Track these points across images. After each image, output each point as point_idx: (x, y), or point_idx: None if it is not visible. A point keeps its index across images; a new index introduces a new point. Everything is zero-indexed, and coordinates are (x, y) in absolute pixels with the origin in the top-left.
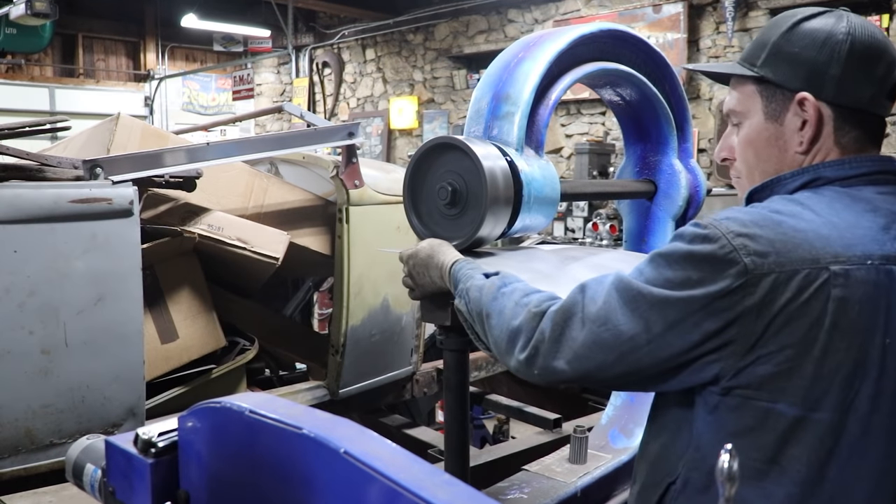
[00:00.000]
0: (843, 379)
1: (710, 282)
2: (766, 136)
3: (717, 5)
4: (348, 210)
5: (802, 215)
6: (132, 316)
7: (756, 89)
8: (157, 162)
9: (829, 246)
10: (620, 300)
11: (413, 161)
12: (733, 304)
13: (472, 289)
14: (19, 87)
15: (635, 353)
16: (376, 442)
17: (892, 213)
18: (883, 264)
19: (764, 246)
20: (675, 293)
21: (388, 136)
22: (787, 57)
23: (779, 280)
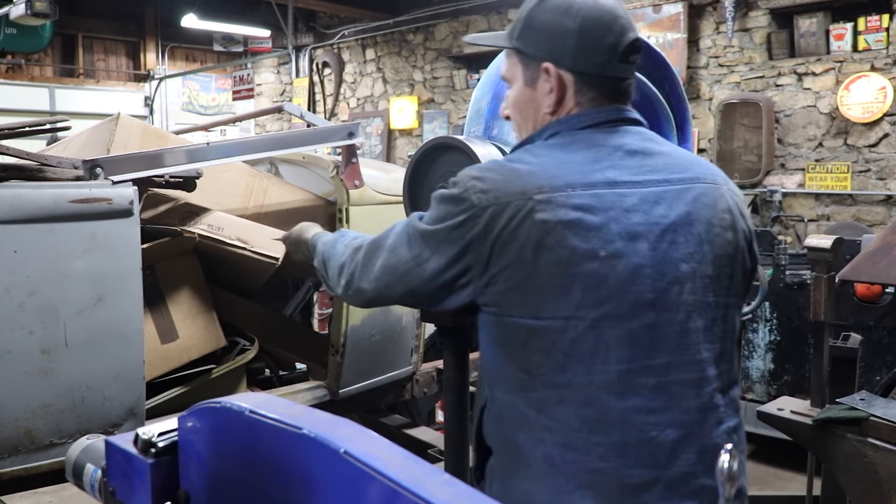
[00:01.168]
0: (559, 289)
1: (451, 216)
2: (524, 98)
3: (717, 5)
4: (348, 210)
5: (524, 159)
6: (132, 316)
7: (517, 59)
8: (157, 162)
9: (536, 181)
10: (405, 234)
11: (413, 161)
12: (464, 232)
13: (319, 245)
14: (19, 87)
15: (409, 274)
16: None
17: (610, 147)
18: (586, 190)
19: (488, 185)
20: (431, 227)
21: (388, 136)
22: (534, 30)
23: (496, 211)
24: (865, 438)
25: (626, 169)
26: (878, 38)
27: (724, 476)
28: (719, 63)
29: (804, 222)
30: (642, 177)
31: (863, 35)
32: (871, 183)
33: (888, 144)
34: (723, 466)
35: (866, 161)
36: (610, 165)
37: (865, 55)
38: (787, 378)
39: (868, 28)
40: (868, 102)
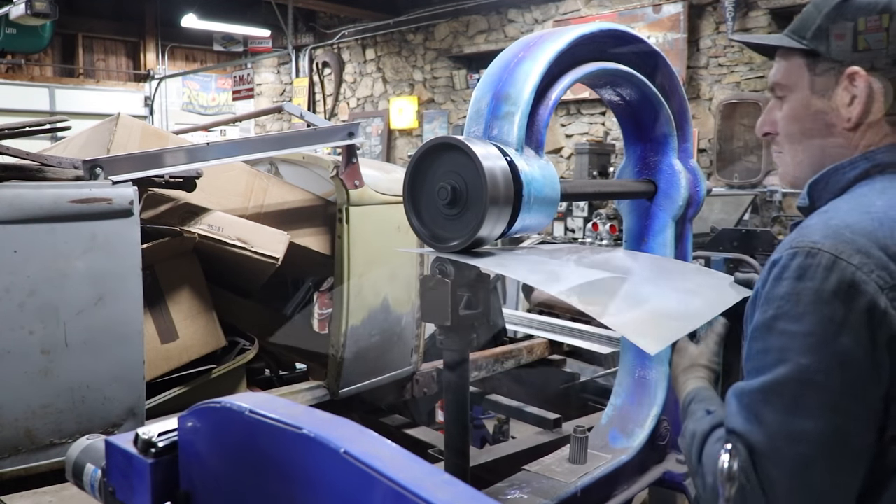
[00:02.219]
0: None
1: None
2: (813, 110)
3: (717, 5)
4: (348, 210)
5: (890, 214)
6: (132, 316)
7: (804, 62)
8: (157, 162)
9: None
10: (784, 403)
11: (413, 161)
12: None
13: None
14: (19, 87)
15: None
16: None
17: None
18: None
19: (879, 257)
20: (827, 350)
21: (388, 136)
22: (839, 30)
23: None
24: None
25: None
26: (878, 39)
27: (724, 476)
28: (719, 63)
29: None
30: None
31: (863, 35)
32: None
33: None
34: (723, 466)
35: None
36: None
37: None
38: None
39: (868, 28)
40: None
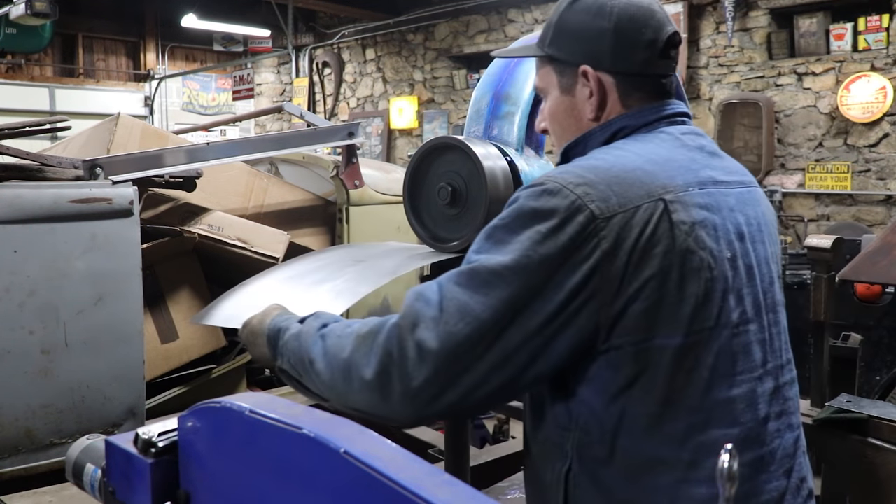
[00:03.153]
0: (704, 296)
1: (562, 234)
2: (563, 107)
3: (717, 5)
4: (348, 210)
5: (626, 157)
6: (132, 316)
7: (551, 67)
8: (157, 162)
9: (656, 180)
10: (469, 289)
11: (413, 161)
12: (590, 251)
13: (289, 340)
14: (19, 87)
15: (504, 335)
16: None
17: (697, 148)
18: (702, 188)
19: (604, 191)
20: (529, 256)
21: (388, 136)
22: (567, 35)
23: (625, 218)
24: (865, 438)
25: (716, 169)
26: (878, 38)
27: (724, 476)
28: (719, 63)
29: (804, 222)
30: (729, 177)
31: (863, 35)
32: (871, 183)
33: (888, 144)
34: (723, 466)
35: (866, 161)
36: (704, 165)
37: (865, 55)
38: None
39: (868, 28)
40: (868, 102)
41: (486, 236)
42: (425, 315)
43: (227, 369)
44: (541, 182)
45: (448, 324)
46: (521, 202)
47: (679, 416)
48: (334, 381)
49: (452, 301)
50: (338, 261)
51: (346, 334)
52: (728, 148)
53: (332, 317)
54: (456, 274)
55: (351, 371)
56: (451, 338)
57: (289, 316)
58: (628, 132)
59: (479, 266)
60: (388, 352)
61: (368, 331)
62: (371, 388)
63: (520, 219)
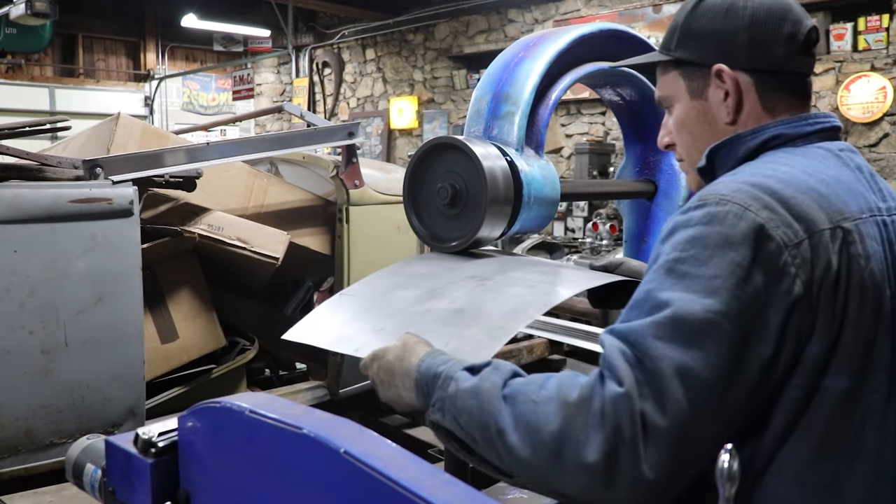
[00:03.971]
0: (874, 336)
1: (760, 265)
2: (694, 113)
3: None
4: (348, 210)
5: (796, 175)
6: (132, 316)
7: (677, 72)
8: (157, 162)
9: (832, 205)
10: (679, 344)
11: (413, 161)
12: (789, 285)
13: (461, 396)
14: (19, 87)
15: (729, 393)
16: (376, 442)
17: (858, 168)
18: (873, 216)
19: (784, 215)
20: (739, 296)
21: (388, 136)
22: (697, 34)
23: (811, 246)
24: None
25: (876, 193)
26: (878, 38)
27: (724, 476)
28: None
29: None
30: (886, 203)
31: (863, 35)
32: None
33: (888, 144)
34: (723, 466)
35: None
36: (868, 188)
37: (865, 55)
38: None
39: (868, 28)
40: (868, 102)
41: (667, 270)
42: (640, 381)
43: (227, 369)
44: (717, 201)
45: (670, 390)
46: (701, 228)
47: (826, 464)
48: (538, 459)
49: (665, 362)
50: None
51: (544, 399)
52: None
53: (509, 368)
54: (654, 326)
55: (564, 450)
56: (678, 407)
57: (445, 358)
58: (781, 142)
59: (684, 313)
60: (616, 428)
61: (579, 397)
62: (593, 472)
63: (709, 248)
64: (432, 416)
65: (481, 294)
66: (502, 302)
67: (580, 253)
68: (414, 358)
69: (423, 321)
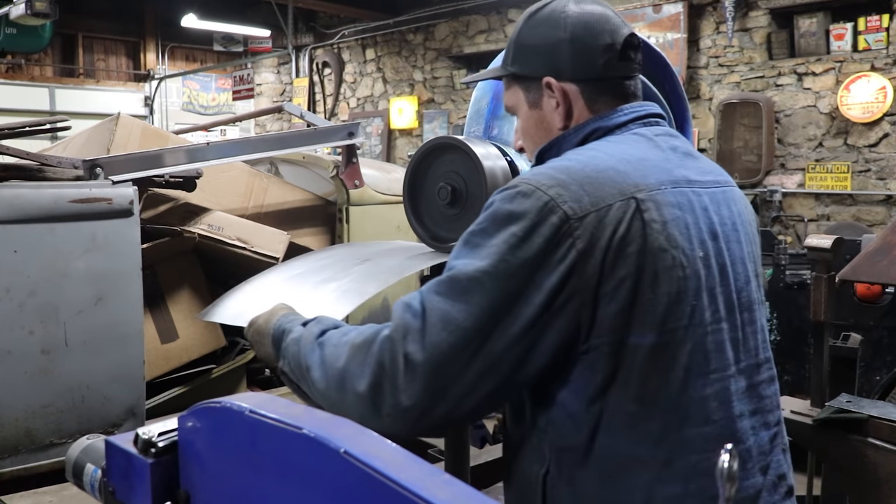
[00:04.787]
0: (677, 294)
1: (537, 235)
2: (533, 121)
3: (717, 5)
4: (348, 210)
5: (598, 157)
6: (132, 316)
7: (516, 85)
8: (157, 162)
9: (628, 178)
10: (450, 298)
11: (413, 161)
12: (566, 252)
13: (290, 344)
14: (19, 87)
15: (488, 342)
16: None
17: (670, 148)
18: (675, 187)
19: (576, 191)
20: (506, 259)
21: (388, 136)
22: (527, 50)
23: (598, 218)
24: (865, 438)
25: (689, 169)
26: (878, 38)
27: (724, 476)
28: (719, 63)
29: (804, 222)
30: (703, 177)
31: (863, 35)
32: (871, 183)
33: (888, 144)
34: (723, 466)
35: (866, 161)
36: (678, 164)
37: (865, 55)
38: (787, 378)
39: (868, 28)
40: (868, 102)
41: (464, 242)
42: (412, 326)
43: (227, 369)
44: (514, 185)
45: (432, 334)
46: (495, 206)
47: (654, 414)
48: (329, 390)
49: (434, 311)
50: (343, 259)
51: (342, 343)
52: (728, 148)
53: (332, 322)
54: (436, 283)
55: (345, 382)
56: (436, 349)
57: (294, 317)
58: (601, 133)
59: (458, 273)
60: (380, 364)
61: (363, 341)
62: (364, 400)
63: (495, 223)
64: (280, 365)
65: (357, 267)
66: (365, 272)
67: None
68: (274, 319)
69: (302, 292)
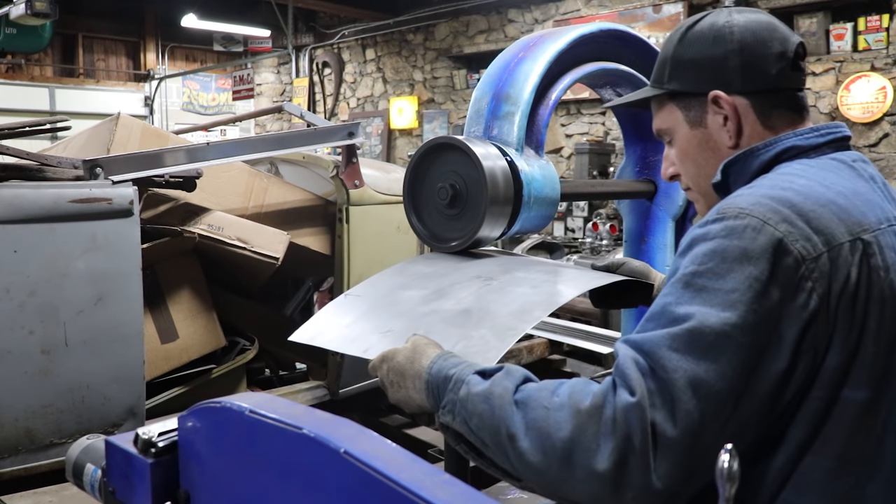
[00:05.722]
0: (889, 347)
1: (777, 279)
2: (696, 142)
3: (717, 5)
4: (348, 210)
5: (814, 188)
6: (132, 316)
7: (673, 104)
8: (157, 162)
9: (850, 216)
10: (695, 356)
11: (413, 161)
12: (807, 298)
13: (472, 400)
14: (19, 87)
15: (739, 407)
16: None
17: (872, 178)
18: (891, 226)
19: (803, 227)
20: (755, 310)
21: (388, 136)
22: (688, 64)
23: (830, 259)
24: None
25: (890, 202)
26: (878, 38)
27: (724, 476)
28: None
29: None
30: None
31: (863, 35)
32: None
33: (888, 144)
34: (723, 466)
35: None
36: (884, 198)
37: (865, 55)
38: None
39: (868, 28)
40: (868, 102)
41: (685, 284)
42: (654, 390)
43: (227, 369)
44: (733, 215)
45: (682, 401)
46: (719, 242)
47: (847, 473)
48: (548, 465)
49: (680, 372)
50: (461, 278)
51: (556, 406)
52: None
53: (521, 373)
54: (669, 337)
55: (574, 457)
56: (689, 419)
57: (457, 360)
58: (794, 154)
59: (701, 326)
60: (626, 438)
61: (591, 405)
62: (602, 480)
63: (726, 262)
64: (443, 418)
65: (487, 294)
66: (508, 302)
67: (580, 253)
68: (424, 360)
69: (429, 322)
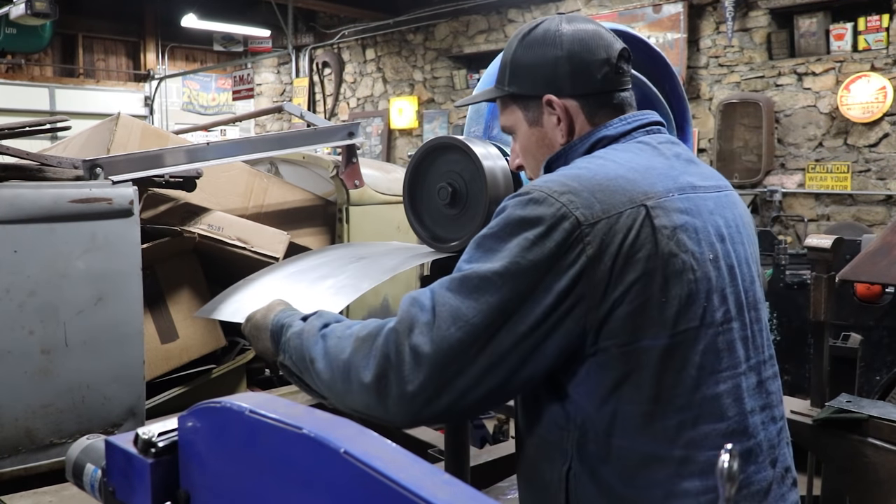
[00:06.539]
0: (688, 297)
1: (549, 240)
2: (534, 139)
3: (717, 5)
4: (348, 210)
5: (607, 166)
6: (132, 316)
7: (514, 105)
8: (157, 162)
9: (637, 187)
10: (461, 295)
11: (413, 161)
12: (576, 257)
13: (291, 338)
14: (19, 87)
15: (495, 338)
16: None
17: (674, 156)
18: (681, 193)
19: (587, 198)
20: (518, 262)
21: (388, 136)
22: (524, 69)
23: (609, 224)
24: (865, 438)
25: (693, 175)
26: (878, 38)
27: (724, 476)
28: (719, 63)
29: (804, 222)
30: (706, 182)
31: (863, 35)
32: (871, 183)
33: (888, 144)
34: (723, 466)
35: (866, 161)
36: (682, 171)
37: (865, 55)
38: (787, 378)
39: (868, 28)
40: (868, 102)
41: (476, 245)
42: (419, 320)
43: (227, 369)
44: (527, 191)
45: (441, 328)
46: (508, 211)
47: (669, 413)
48: (334, 381)
49: (445, 306)
50: (339, 258)
51: (346, 335)
52: (728, 148)
53: (333, 316)
54: (448, 280)
55: (350, 373)
56: (445, 342)
57: (292, 312)
58: (606, 142)
59: (471, 272)
60: (385, 355)
61: (367, 333)
62: (369, 390)
63: (507, 227)
64: (280, 359)
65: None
66: (361, 270)
67: None
68: (271, 314)
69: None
